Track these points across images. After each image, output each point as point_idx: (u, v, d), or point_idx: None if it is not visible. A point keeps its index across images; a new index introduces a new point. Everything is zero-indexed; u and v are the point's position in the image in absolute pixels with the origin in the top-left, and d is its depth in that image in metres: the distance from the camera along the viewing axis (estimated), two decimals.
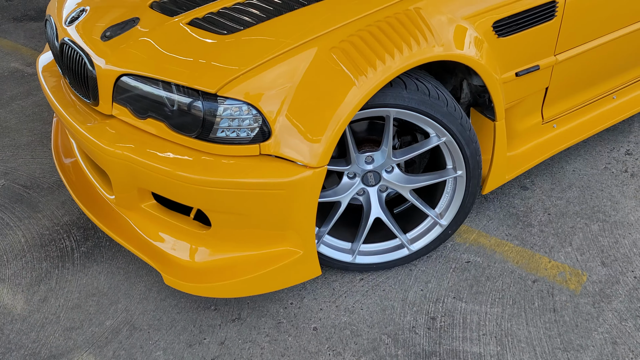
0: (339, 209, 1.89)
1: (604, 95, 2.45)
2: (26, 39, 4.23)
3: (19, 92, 3.45)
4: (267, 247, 1.79)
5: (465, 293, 1.94)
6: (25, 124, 3.10)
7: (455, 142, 1.78)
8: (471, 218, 2.26)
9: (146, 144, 1.75)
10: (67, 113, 1.98)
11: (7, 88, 3.50)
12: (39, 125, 3.08)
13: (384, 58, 1.62)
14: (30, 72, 3.69)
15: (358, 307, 1.92)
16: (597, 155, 2.56)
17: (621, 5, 2.17)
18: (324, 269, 2.07)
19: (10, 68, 3.77)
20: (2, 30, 4.41)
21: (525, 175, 2.47)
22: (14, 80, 3.59)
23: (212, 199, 1.68)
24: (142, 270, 2.12)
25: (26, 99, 3.36)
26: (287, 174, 1.63)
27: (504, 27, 1.88)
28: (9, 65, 3.81)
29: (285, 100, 1.61)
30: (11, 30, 4.39)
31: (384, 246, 2.00)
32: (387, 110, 1.70)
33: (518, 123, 2.21)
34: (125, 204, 1.95)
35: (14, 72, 3.71)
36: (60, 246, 2.24)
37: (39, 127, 3.06)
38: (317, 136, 1.61)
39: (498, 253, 2.09)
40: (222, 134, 1.64)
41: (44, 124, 3.08)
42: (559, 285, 1.95)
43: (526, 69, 2.02)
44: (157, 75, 1.68)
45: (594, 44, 2.18)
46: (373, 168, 1.86)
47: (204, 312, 1.94)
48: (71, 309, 1.98)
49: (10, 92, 3.46)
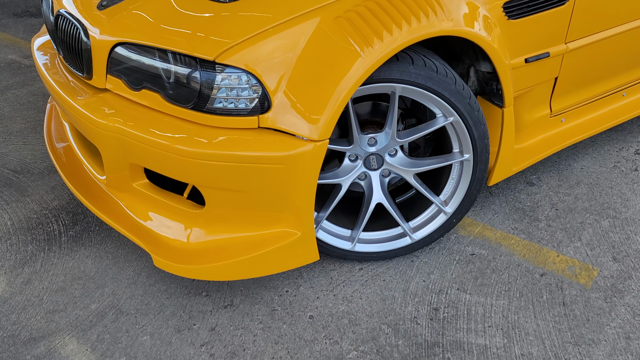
0: (339, 193, 1.81)
1: (614, 91, 2.38)
2: (25, 33, 4.18)
3: (14, 82, 3.38)
4: (263, 229, 1.71)
5: (470, 285, 1.85)
6: (19, 112, 3.03)
7: (462, 122, 1.71)
8: (476, 211, 2.17)
9: (139, 117, 1.67)
10: (59, 87, 1.90)
11: (3, 78, 3.44)
12: (33, 113, 3.01)
13: (391, 29, 1.55)
14: (28, 63, 3.63)
15: (357, 296, 1.82)
16: (606, 154, 2.49)
17: None
18: (321, 258, 1.98)
19: (8, 59, 3.71)
20: (2, 24, 4.36)
21: (531, 171, 2.39)
22: (10, 71, 3.53)
23: (207, 174, 1.59)
24: (131, 255, 2.02)
25: (22, 88, 3.29)
26: (286, 147, 1.55)
27: (515, 9, 1.82)
28: (7, 57, 3.75)
29: (286, 70, 1.54)
30: (11, 25, 4.35)
31: (385, 235, 1.91)
32: (392, 86, 1.63)
33: (526, 114, 2.14)
34: (116, 184, 1.87)
35: (11, 64, 3.64)
36: (47, 230, 2.15)
37: (33, 115, 2.98)
38: (319, 108, 1.53)
39: (504, 246, 2.00)
40: (219, 105, 1.56)
41: (38, 112, 3.01)
42: (569, 280, 1.86)
43: (536, 56, 1.96)
44: (153, 43, 1.61)
45: (606, 35, 2.12)
46: (376, 150, 1.78)
47: (194, 298, 1.84)
48: (55, 292, 1.88)
49: (6, 81, 3.39)
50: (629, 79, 2.40)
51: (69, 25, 1.84)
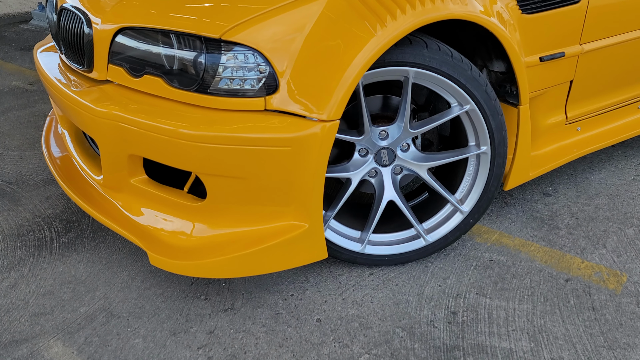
0: (349, 189, 1.70)
1: (629, 102, 2.32)
2: (31, 63, 4.19)
3: (16, 104, 3.34)
4: (268, 222, 1.59)
5: (490, 289, 1.71)
6: (19, 129, 2.97)
7: (479, 111, 1.63)
8: (491, 220, 2.06)
9: (139, 103, 1.60)
10: (58, 82, 1.84)
11: (5, 101, 3.40)
12: (32, 131, 2.94)
13: (405, 7, 1.50)
14: (31, 89, 3.61)
15: (368, 300, 1.69)
16: (624, 168, 2.39)
17: None
18: (329, 262, 1.85)
19: (12, 85, 3.69)
20: (9, 56, 4.39)
21: (547, 183, 2.29)
22: (13, 95, 3.50)
23: (211, 159, 1.50)
24: (126, 260, 1.90)
25: (23, 109, 3.25)
26: (294, 129, 1.46)
27: (529, 3, 1.78)
28: (10, 83, 3.74)
29: (295, 48, 1.47)
30: (17, 57, 4.37)
31: (397, 237, 1.79)
32: (405, 70, 1.55)
33: (542, 119, 2.06)
34: (113, 183, 1.77)
35: (15, 89, 3.62)
36: (38, 236, 2.04)
37: (32, 133, 2.92)
38: (329, 88, 1.46)
39: (523, 253, 1.87)
40: (224, 86, 1.49)
41: (38, 130, 2.95)
42: (596, 285, 1.72)
43: (551, 55, 1.90)
44: (156, 26, 1.55)
45: (621, 39, 2.07)
46: (387, 145, 1.69)
47: (192, 302, 1.70)
48: (42, 296, 1.74)
49: (7, 104, 3.35)
50: None
51: (71, 17, 1.80)
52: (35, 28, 5.27)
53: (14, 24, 5.45)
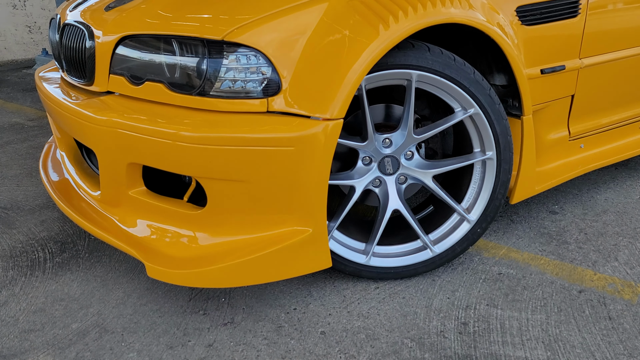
0: (352, 197, 1.66)
1: (630, 120, 2.31)
2: (32, 102, 4.22)
3: (15, 139, 3.33)
4: (270, 229, 1.54)
5: (500, 301, 1.64)
6: (17, 161, 2.94)
7: (483, 115, 1.61)
8: (498, 236, 2.01)
9: (140, 110, 1.58)
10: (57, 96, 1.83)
11: (5, 135, 3.39)
12: (29, 162, 2.92)
13: (407, 10, 1.50)
14: (31, 125, 3.61)
15: (374, 312, 1.61)
16: (629, 188, 2.36)
17: None
18: (332, 276, 1.78)
19: (12, 122, 3.70)
20: (10, 97, 4.42)
21: (553, 201, 2.25)
22: (13, 131, 3.50)
23: (213, 161, 1.46)
24: (122, 278, 1.83)
25: (22, 143, 3.24)
26: (297, 128, 1.43)
27: (528, 14, 1.79)
28: (11, 120, 3.74)
29: (298, 48, 1.46)
30: (19, 97, 4.40)
31: (403, 248, 1.74)
32: (408, 73, 1.55)
33: (545, 133, 2.04)
34: (111, 198, 1.73)
35: (15, 125, 3.62)
36: (31, 257, 1.97)
37: (29, 164, 2.89)
38: (332, 87, 1.44)
39: (533, 266, 1.81)
40: (226, 88, 1.47)
41: (35, 161, 2.92)
42: (611, 296, 1.66)
43: (552, 67, 1.90)
44: (157, 32, 1.55)
45: (620, 55, 2.08)
46: (391, 152, 1.67)
47: (190, 316, 1.63)
48: (33, 313, 1.67)
49: (7, 138, 3.34)
50: None
51: (74, 32, 1.81)
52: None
53: (18, 69, 5.53)
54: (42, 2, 5.69)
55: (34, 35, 5.77)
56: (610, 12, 2.01)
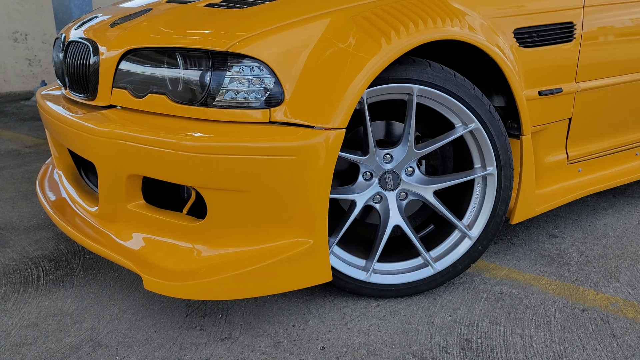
0: (353, 212, 1.65)
1: (628, 147, 2.33)
2: (30, 130, 4.23)
3: (12, 164, 3.32)
4: (271, 241, 1.53)
5: (503, 319, 1.62)
6: (12, 184, 2.92)
7: (484, 130, 1.62)
8: (499, 258, 1.99)
9: (141, 121, 1.58)
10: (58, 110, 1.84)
11: (1, 161, 3.39)
12: (25, 185, 2.90)
13: (408, 26, 1.53)
14: (28, 151, 3.61)
15: (375, 329, 1.58)
16: (628, 214, 2.37)
17: None
18: (332, 294, 1.76)
19: (9, 149, 3.70)
20: (8, 126, 4.43)
21: (552, 225, 2.25)
22: (10, 157, 3.49)
23: (214, 171, 1.46)
24: (117, 294, 1.79)
25: (18, 168, 3.22)
26: (299, 137, 1.44)
27: (526, 37, 1.83)
28: (8, 147, 3.74)
29: (301, 60, 1.48)
30: (16, 126, 4.41)
31: (404, 266, 1.72)
32: (409, 87, 1.56)
33: (544, 156, 2.06)
34: (109, 213, 1.72)
35: (11, 151, 3.62)
36: (25, 274, 1.94)
37: (25, 187, 2.87)
38: (334, 98, 1.45)
39: (535, 286, 1.79)
40: (229, 98, 1.48)
41: (31, 185, 2.91)
42: (614, 314, 1.63)
43: (549, 89, 1.93)
44: (161, 45, 1.57)
45: (617, 81, 2.12)
46: (392, 168, 1.67)
47: (187, 332, 1.59)
48: (25, 327, 1.62)
49: (3, 163, 3.33)
50: None
51: (79, 48, 1.83)
52: (36, 104, 5.37)
53: (16, 100, 5.56)
54: (43, 36, 5.78)
55: (33, 68, 5.82)
56: (605, 37, 2.06)
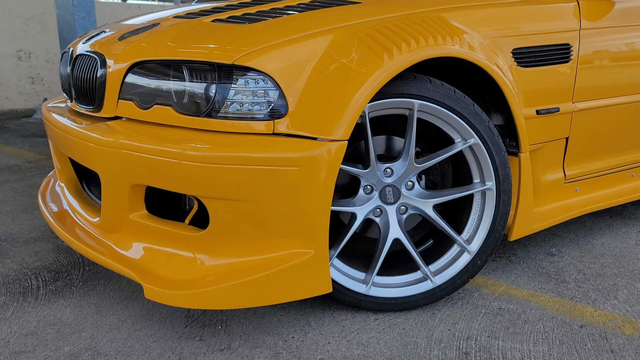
0: (353, 225, 1.67)
1: (624, 167, 2.36)
2: (31, 146, 4.25)
3: (13, 178, 3.34)
4: (272, 251, 1.54)
5: (502, 333, 1.62)
6: (13, 198, 2.94)
7: (483, 145, 1.65)
8: (497, 275, 2.00)
9: (145, 131, 1.60)
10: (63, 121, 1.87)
11: (2, 175, 3.40)
12: (26, 199, 2.91)
13: (410, 42, 1.57)
14: (28, 167, 3.63)
15: (374, 342, 1.58)
16: (625, 234, 2.39)
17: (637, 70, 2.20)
18: (331, 307, 1.76)
19: (10, 164, 3.72)
20: (9, 142, 4.46)
21: (550, 244, 2.26)
22: (10, 172, 3.51)
23: (217, 180, 1.47)
24: (117, 305, 1.80)
25: (19, 182, 3.24)
26: (302, 148, 1.46)
27: (523, 57, 1.87)
28: (9, 162, 3.76)
29: (305, 73, 1.51)
30: (18, 142, 4.44)
31: (403, 279, 1.73)
32: (410, 102, 1.60)
33: (541, 174, 2.08)
34: (111, 223, 1.73)
35: (12, 166, 3.64)
36: (24, 285, 1.94)
37: (26, 201, 2.89)
38: (337, 111, 1.48)
39: (533, 302, 1.80)
40: (234, 109, 1.51)
41: (32, 199, 2.92)
42: (612, 330, 1.64)
43: (547, 109, 1.97)
44: (168, 57, 1.61)
45: (613, 102, 2.16)
46: (392, 182, 1.69)
47: (186, 342, 1.59)
48: (24, 336, 1.62)
49: (4, 178, 3.35)
50: (638, 158, 2.39)
51: (86, 61, 1.87)
52: (38, 121, 5.41)
53: (17, 117, 5.60)
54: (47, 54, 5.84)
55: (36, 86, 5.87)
56: (601, 60, 2.10)
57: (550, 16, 1.96)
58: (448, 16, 1.73)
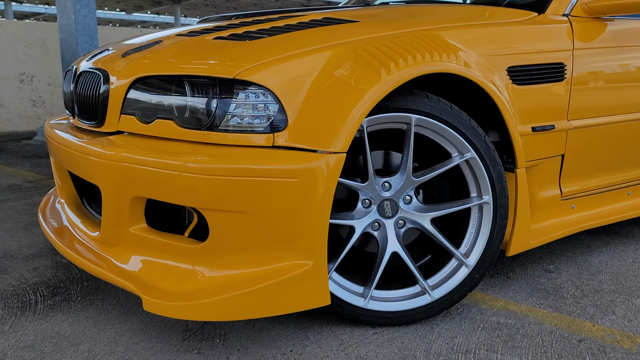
0: (352, 238, 1.68)
1: (620, 186, 2.39)
2: (31, 167, 4.27)
3: (12, 197, 3.35)
4: (271, 263, 1.55)
5: (500, 347, 1.62)
6: (12, 215, 2.95)
7: (479, 159, 1.67)
8: (495, 290, 2.01)
9: (146, 145, 1.63)
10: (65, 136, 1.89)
11: (2, 194, 3.42)
12: (25, 217, 2.92)
13: (407, 58, 1.61)
14: (28, 186, 3.64)
15: (372, 355, 1.58)
16: (622, 252, 2.40)
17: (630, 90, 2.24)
18: (329, 322, 1.76)
19: (10, 183, 3.73)
20: (9, 162, 4.48)
21: (548, 261, 2.27)
22: (10, 191, 3.52)
23: (218, 192, 1.49)
24: (114, 319, 1.79)
25: (19, 201, 3.25)
26: (301, 160, 1.48)
27: (519, 75, 1.91)
28: (9, 182, 3.78)
29: (304, 87, 1.54)
30: (18, 163, 4.46)
31: (402, 293, 1.73)
32: (408, 117, 1.62)
33: (538, 191, 2.10)
34: (111, 237, 1.75)
35: (12, 186, 3.65)
36: (23, 299, 1.94)
37: (25, 219, 2.89)
38: (335, 124, 1.51)
39: (532, 317, 1.80)
40: (234, 123, 1.54)
41: (31, 217, 2.93)
42: (611, 345, 1.64)
43: (542, 126, 2.00)
44: (170, 72, 1.64)
45: (608, 120, 2.19)
46: (390, 195, 1.71)
47: (184, 355, 1.59)
48: (22, 349, 1.62)
49: (4, 197, 3.36)
50: (633, 176, 2.42)
51: (90, 78, 1.90)
52: (38, 143, 5.44)
53: (18, 139, 5.64)
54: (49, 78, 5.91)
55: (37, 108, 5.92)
56: (595, 79, 2.14)
57: (544, 36, 2.00)
58: (445, 34, 1.77)
